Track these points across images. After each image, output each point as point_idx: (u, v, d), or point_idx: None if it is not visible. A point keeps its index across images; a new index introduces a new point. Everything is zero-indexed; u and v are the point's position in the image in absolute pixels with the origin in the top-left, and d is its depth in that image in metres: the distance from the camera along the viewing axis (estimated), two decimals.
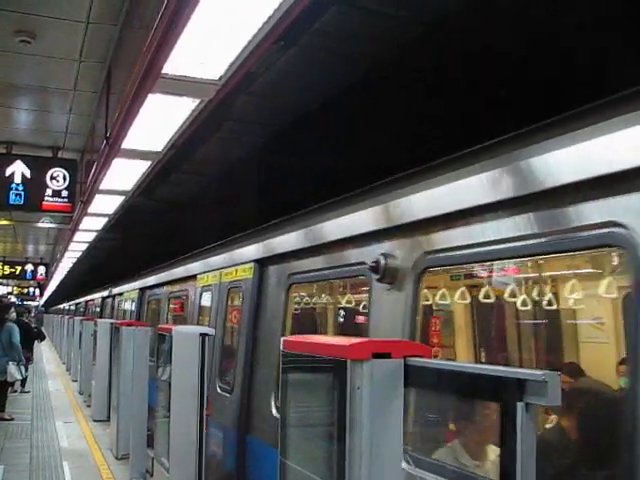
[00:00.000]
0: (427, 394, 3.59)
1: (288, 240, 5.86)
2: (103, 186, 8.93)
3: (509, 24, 4.79)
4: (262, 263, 6.42)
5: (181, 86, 4.79)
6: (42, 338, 22.96)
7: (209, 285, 8.09)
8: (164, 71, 4.51)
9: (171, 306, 11.25)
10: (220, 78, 4.69)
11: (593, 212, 2.79)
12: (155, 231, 14.87)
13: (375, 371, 2.87)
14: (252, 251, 6.74)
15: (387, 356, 2.92)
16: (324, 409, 3.28)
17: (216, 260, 8.09)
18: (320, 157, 7.32)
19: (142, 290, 13.51)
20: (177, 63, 4.47)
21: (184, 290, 9.87)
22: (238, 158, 8.90)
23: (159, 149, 6.95)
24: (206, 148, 8.61)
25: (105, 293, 19.70)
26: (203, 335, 6.30)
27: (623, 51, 4.20)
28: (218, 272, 7.74)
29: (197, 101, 5.22)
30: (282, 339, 3.66)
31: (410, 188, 4.11)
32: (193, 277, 8.97)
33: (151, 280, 12.71)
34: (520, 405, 2.23)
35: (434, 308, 6.19)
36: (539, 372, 2.20)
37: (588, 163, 2.80)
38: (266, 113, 7.46)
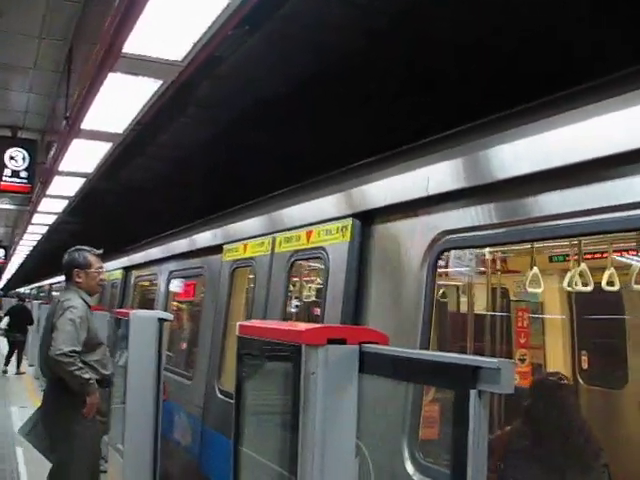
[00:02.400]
0: None
1: (439, 174, 3.44)
2: (63, 167, 8.81)
3: (480, 13, 4.77)
4: (368, 218, 4.02)
5: (142, 66, 4.73)
6: None
7: (248, 259, 5.72)
8: (125, 50, 4.44)
9: (173, 290, 8.60)
10: (183, 59, 4.63)
11: None
12: (119, 216, 14.69)
13: (330, 357, 2.85)
14: (346, 200, 4.33)
15: (342, 342, 2.91)
16: (279, 395, 3.25)
17: (262, 222, 5.64)
18: (286, 141, 7.29)
19: (127, 270, 10.67)
20: (138, 42, 4.41)
21: (197, 268, 7.31)
22: (201, 142, 8.81)
23: (120, 131, 6.86)
24: (169, 131, 8.52)
25: None
26: (161, 320, 6.27)
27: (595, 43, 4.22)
28: (268, 238, 5.33)
29: (159, 82, 5.15)
30: (238, 324, 3.62)
31: None
32: (214, 249, 6.56)
33: (142, 256, 9.85)
34: (473, 392, 2.21)
35: None
36: (493, 360, 2.19)
37: None
38: (230, 97, 7.39)
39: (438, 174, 3.43)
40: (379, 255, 3.89)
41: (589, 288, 4.64)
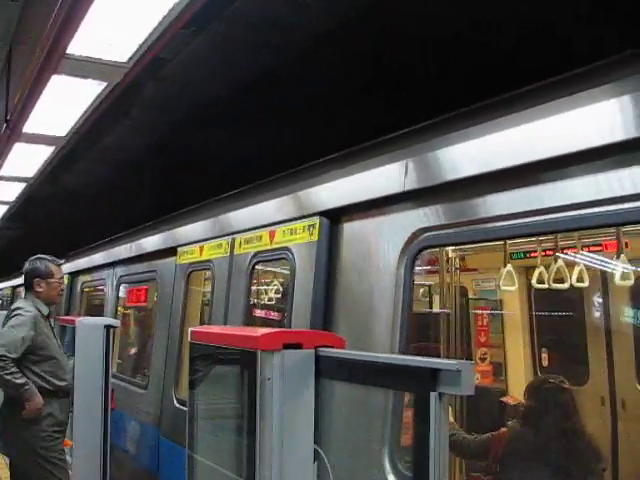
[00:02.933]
0: None
1: (417, 167, 3.22)
2: (3, 172, 8.60)
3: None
4: (337, 216, 3.82)
5: (87, 67, 4.62)
6: None
7: (205, 261, 5.49)
8: (69, 51, 4.33)
9: (123, 296, 8.33)
10: (128, 61, 4.54)
11: None
12: (63, 221, 14.35)
13: (286, 362, 2.82)
14: (312, 198, 4.09)
15: (298, 347, 2.88)
16: (234, 402, 3.20)
17: (220, 222, 5.41)
18: (231, 145, 7.19)
19: (73, 276, 10.26)
20: (83, 43, 4.31)
21: (149, 272, 7.04)
22: (146, 145, 8.66)
23: (63, 134, 6.70)
24: (112, 135, 8.35)
25: (19, 281, 14.53)
26: (107, 327, 6.17)
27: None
28: (227, 239, 5.10)
29: (103, 84, 5.05)
30: (190, 330, 3.54)
31: None
32: (168, 252, 6.35)
33: (89, 261, 9.53)
34: (433, 395, 2.20)
35: None
36: (453, 362, 2.18)
37: None
38: (175, 100, 7.28)
39: (416, 168, 3.22)
40: (350, 255, 3.67)
41: (565, 285, 4.70)
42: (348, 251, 3.68)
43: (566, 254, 5.01)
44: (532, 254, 5.68)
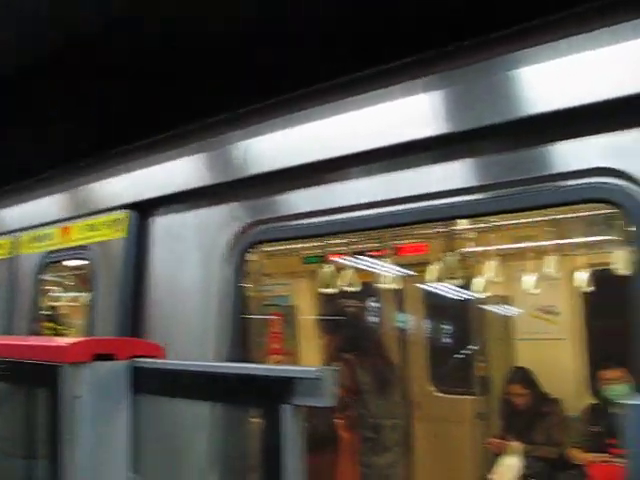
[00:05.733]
0: None
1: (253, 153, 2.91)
2: None
3: None
4: (147, 209, 3.36)
5: None
6: None
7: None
8: None
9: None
10: None
11: None
12: None
13: (97, 376, 2.37)
14: (117, 189, 3.54)
15: (111, 357, 2.43)
16: (27, 430, 2.66)
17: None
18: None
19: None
20: None
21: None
22: None
23: None
24: None
25: None
26: None
27: None
28: (8, 238, 4.44)
29: None
30: None
31: None
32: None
33: None
34: (286, 408, 1.90)
35: None
36: (311, 368, 1.90)
37: None
38: None
39: (252, 153, 2.82)
40: (166, 253, 3.19)
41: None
42: (163, 249, 3.20)
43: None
44: (326, 257, 5.59)
